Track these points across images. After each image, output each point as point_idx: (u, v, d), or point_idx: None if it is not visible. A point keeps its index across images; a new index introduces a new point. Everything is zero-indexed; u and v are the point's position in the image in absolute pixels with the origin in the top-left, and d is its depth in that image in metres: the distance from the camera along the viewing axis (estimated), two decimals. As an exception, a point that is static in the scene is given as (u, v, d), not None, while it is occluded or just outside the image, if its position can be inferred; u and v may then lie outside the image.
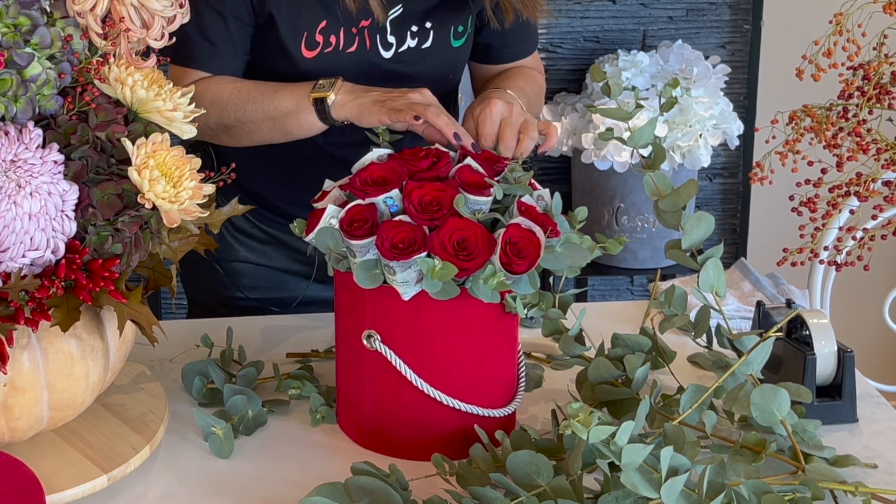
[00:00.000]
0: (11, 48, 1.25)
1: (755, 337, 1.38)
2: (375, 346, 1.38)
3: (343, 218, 1.36)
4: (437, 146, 1.46)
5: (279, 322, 1.78)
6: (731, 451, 1.34)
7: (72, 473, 1.32)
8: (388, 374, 1.39)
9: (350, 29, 1.68)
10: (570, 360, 1.51)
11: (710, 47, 3.07)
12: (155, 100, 1.33)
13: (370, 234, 1.34)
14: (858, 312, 2.80)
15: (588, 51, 3.03)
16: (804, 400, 1.38)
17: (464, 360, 1.39)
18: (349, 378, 1.45)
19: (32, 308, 1.24)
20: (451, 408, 1.39)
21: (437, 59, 1.77)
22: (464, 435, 1.40)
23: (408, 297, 1.34)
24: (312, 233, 1.38)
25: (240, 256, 1.90)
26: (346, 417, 1.47)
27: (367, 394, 1.42)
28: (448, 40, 1.77)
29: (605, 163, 2.74)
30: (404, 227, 1.33)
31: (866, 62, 1.34)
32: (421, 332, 1.37)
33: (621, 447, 1.17)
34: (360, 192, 1.38)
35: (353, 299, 1.40)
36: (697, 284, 1.40)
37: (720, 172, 3.17)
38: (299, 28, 1.67)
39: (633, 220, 2.83)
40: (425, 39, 1.74)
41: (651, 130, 1.43)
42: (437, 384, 1.38)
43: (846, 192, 1.34)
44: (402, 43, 1.73)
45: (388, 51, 1.72)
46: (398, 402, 1.40)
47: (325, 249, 1.38)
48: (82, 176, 1.28)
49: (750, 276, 1.88)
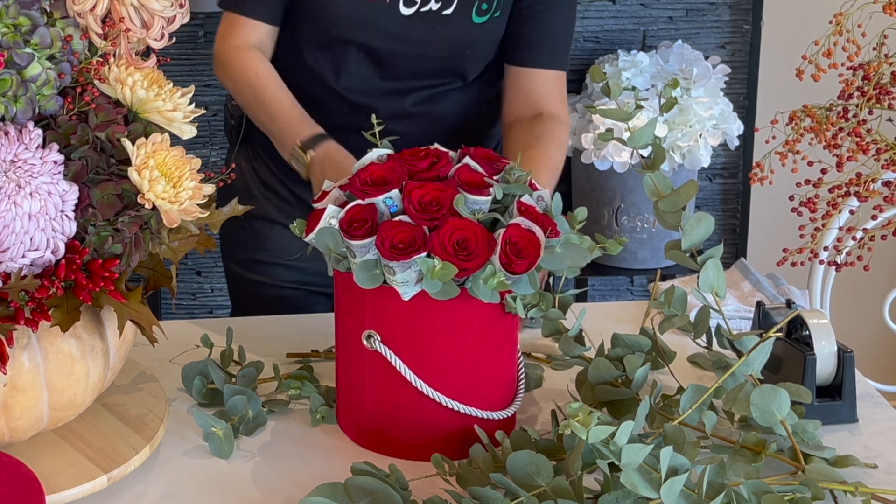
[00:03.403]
0: (11, 48, 1.25)
1: (755, 337, 1.38)
2: (375, 347, 1.38)
3: (343, 218, 1.36)
4: (436, 146, 1.46)
5: (279, 322, 1.78)
6: (730, 452, 1.34)
7: (72, 473, 1.32)
8: (389, 375, 1.39)
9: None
10: (570, 361, 1.51)
11: (710, 47, 3.07)
12: (155, 100, 1.33)
13: (370, 234, 1.34)
14: (858, 312, 2.80)
15: (588, 51, 3.03)
16: (804, 400, 1.38)
17: (463, 360, 1.39)
18: (349, 378, 1.45)
19: (32, 308, 1.24)
20: (451, 409, 1.39)
21: (454, 29, 1.81)
22: (464, 436, 1.40)
23: (408, 298, 1.34)
24: (312, 233, 1.38)
25: (269, 216, 1.99)
26: (346, 418, 1.47)
27: (368, 394, 1.42)
28: (470, 13, 1.81)
29: (604, 163, 2.74)
30: (404, 228, 1.33)
31: (866, 62, 1.34)
32: (420, 333, 1.37)
33: (621, 447, 1.17)
34: (360, 192, 1.38)
35: (352, 299, 1.40)
36: (697, 285, 1.40)
37: (720, 172, 3.17)
38: None
39: (633, 220, 2.83)
40: (448, 5, 1.79)
41: (651, 131, 1.43)
42: (437, 385, 1.38)
43: (846, 192, 1.34)
44: (426, 2, 1.78)
45: (409, 7, 1.78)
46: (398, 402, 1.40)
47: (324, 250, 1.38)
48: (82, 176, 1.28)
49: (750, 276, 1.88)
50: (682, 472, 1.18)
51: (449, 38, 1.82)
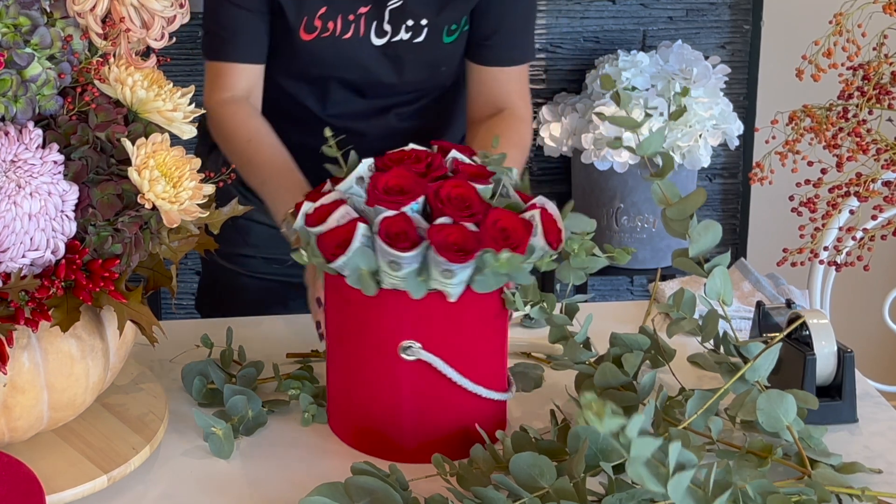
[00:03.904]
0: (11, 48, 1.25)
1: (761, 345, 1.38)
2: (417, 356, 1.36)
3: (379, 232, 1.32)
4: (411, 146, 1.45)
5: (279, 322, 1.78)
6: (736, 456, 1.34)
7: (72, 473, 1.32)
8: (431, 381, 1.37)
9: (348, 16, 1.77)
10: (577, 367, 1.50)
11: (710, 47, 3.07)
12: (155, 100, 1.33)
13: (416, 243, 1.31)
14: (858, 312, 2.80)
15: (588, 51, 3.03)
16: (810, 407, 1.37)
17: (489, 348, 1.40)
18: (379, 400, 1.40)
19: (32, 308, 1.24)
20: (487, 399, 1.40)
21: (427, 54, 1.83)
22: (495, 424, 1.43)
23: (455, 298, 1.34)
24: (343, 257, 1.32)
25: (251, 216, 1.96)
26: (372, 440, 1.42)
27: (406, 406, 1.39)
28: (440, 37, 1.83)
29: (604, 163, 2.74)
30: (450, 229, 1.32)
31: (866, 62, 1.34)
32: (460, 331, 1.37)
33: (631, 439, 1.14)
34: (393, 203, 1.34)
35: (380, 315, 1.36)
36: (704, 291, 1.41)
37: (720, 172, 3.17)
38: (301, 13, 1.77)
39: (632, 221, 2.83)
40: (418, 35, 1.80)
41: (660, 139, 1.43)
42: (477, 378, 1.39)
43: (846, 192, 1.34)
44: (396, 33, 1.79)
45: (381, 38, 1.79)
46: (442, 406, 1.39)
47: (355, 272, 1.33)
48: (82, 176, 1.28)
49: (750, 276, 1.88)
50: (690, 468, 1.17)
51: (423, 62, 1.84)
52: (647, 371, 1.48)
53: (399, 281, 1.33)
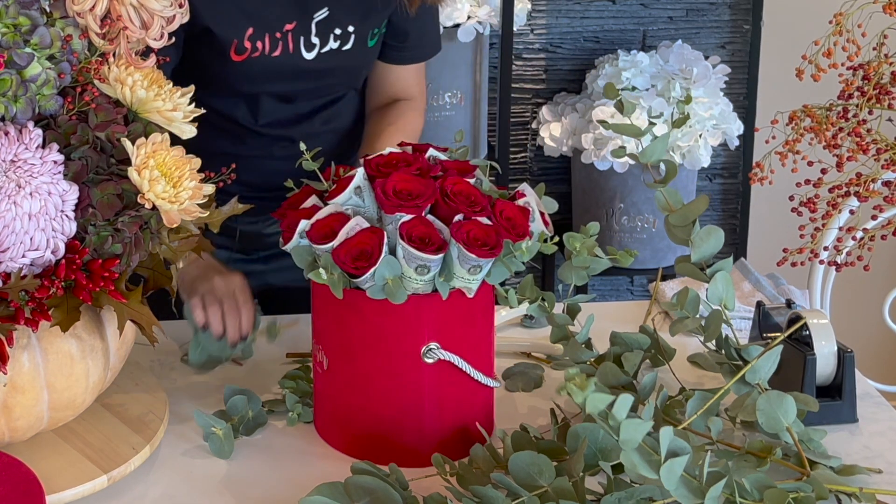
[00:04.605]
0: (11, 48, 1.25)
1: (761, 349, 1.38)
2: (439, 356, 1.36)
3: (402, 237, 1.31)
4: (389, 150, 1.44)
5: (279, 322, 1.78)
6: (736, 456, 1.34)
7: (72, 473, 1.32)
8: (451, 381, 1.38)
9: (275, 34, 1.78)
10: (578, 367, 1.50)
11: (710, 47, 3.07)
12: (155, 100, 1.33)
13: (442, 244, 1.32)
14: (858, 312, 2.80)
15: (588, 51, 3.03)
16: (810, 409, 1.37)
17: (488, 340, 1.42)
18: (400, 408, 1.39)
19: (32, 308, 1.24)
20: (487, 388, 1.42)
21: (354, 59, 1.87)
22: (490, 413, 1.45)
23: (473, 294, 1.34)
24: (372, 269, 1.31)
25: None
26: (386, 448, 1.40)
27: (427, 409, 1.39)
28: (366, 42, 1.87)
29: (604, 163, 2.74)
30: (470, 225, 1.32)
31: (866, 62, 1.34)
32: (472, 325, 1.38)
33: (620, 421, 1.14)
34: (414, 207, 1.33)
35: (400, 321, 1.35)
36: (706, 296, 1.41)
37: (720, 172, 3.17)
38: (230, 36, 1.77)
39: (632, 221, 2.83)
40: (346, 42, 1.83)
41: (664, 146, 1.43)
42: (485, 370, 1.41)
43: (846, 192, 1.34)
44: (324, 44, 1.82)
45: (310, 52, 1.81)
46: (464, 403, 1.40)
47: (381, 282, 1.32)
48: (82, 176, 1.28)
49: (750, 276, 1.88)
50: (683, 455, 1.16)
51: (350, 68, 1.88)
52: (647, 371, 1.48)
53: (422, 284, 1.33)
